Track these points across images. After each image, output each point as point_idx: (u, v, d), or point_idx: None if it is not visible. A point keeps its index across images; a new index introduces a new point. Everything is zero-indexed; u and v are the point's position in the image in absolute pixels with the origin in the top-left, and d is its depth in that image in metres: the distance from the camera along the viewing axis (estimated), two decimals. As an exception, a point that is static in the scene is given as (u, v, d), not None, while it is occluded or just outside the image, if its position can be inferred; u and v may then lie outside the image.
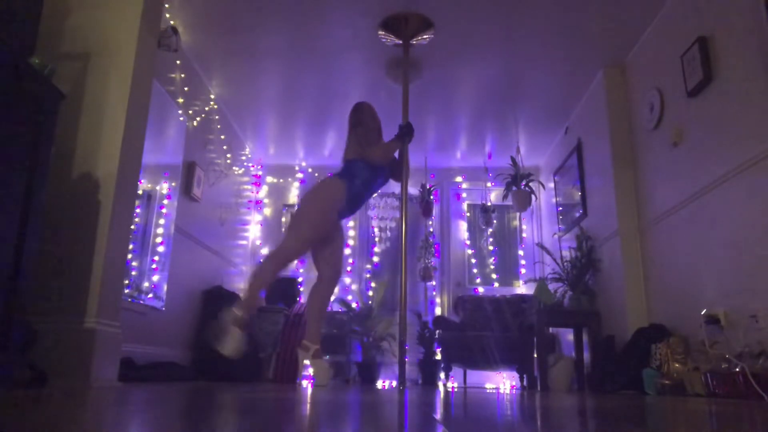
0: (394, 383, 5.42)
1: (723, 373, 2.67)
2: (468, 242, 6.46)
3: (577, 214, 5.03)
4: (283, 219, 6.50)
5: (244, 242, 6.19)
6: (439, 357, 5.45)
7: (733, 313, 2.90)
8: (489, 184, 6.33)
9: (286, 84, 4.91)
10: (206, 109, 4.90)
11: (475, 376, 5.69)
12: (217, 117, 5.16)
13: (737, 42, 2.92)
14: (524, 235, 6.50)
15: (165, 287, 4.12)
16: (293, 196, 6.57)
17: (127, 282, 3.44)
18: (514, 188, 5.46)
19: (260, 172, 6.56)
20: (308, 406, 1.49)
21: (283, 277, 6.19)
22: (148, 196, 4.11)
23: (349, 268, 6.30)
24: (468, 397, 2.46)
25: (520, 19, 3.88)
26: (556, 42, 4.13)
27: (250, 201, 6.36)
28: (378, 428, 0.95)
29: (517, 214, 6.43)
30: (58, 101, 2.26)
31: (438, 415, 1.29)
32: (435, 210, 6.38)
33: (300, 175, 6.59)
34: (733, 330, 2.86)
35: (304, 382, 4.73)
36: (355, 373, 5.50)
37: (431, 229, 6.37)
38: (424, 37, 4.01)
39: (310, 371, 3.48)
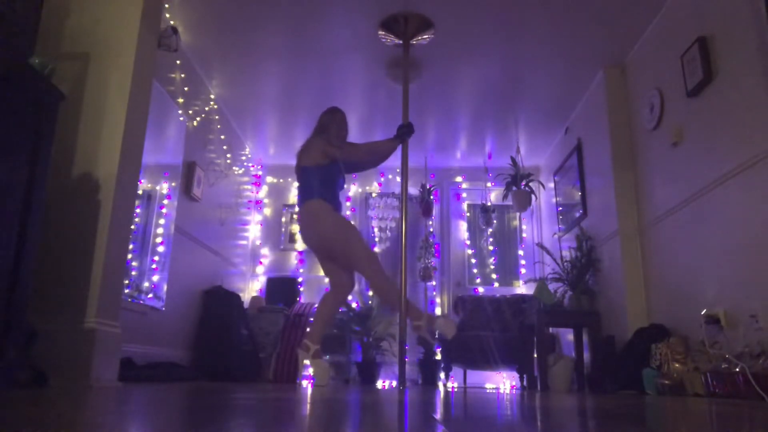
0: (394, 383, 5.42)
1: (723, 373, 2.67)
2: (468, 242, 6.45)
3: (577, 214, 5.03)
4: (283, 219, 6.50)
5: (244, 242, 6.19)
6: (439, 357, 5.45)
7: (733, 313, 2.90)
8: (489, 184, 6.33)
9: (286, 84, 4.91)
10: (206, 109, 4.90)
11: (475, 376, 5.69)
12: (217, 117, 5.16)
13: (737, 42, 2.92)
14: (524, 235, 6.50)
15: (165, 287, 4.12)
16: (293, 196, 6.57)
17: (127, 282, 3.44)
18: (514, 188, 5.46)
19: (260, 172, 6.56)
20: (308, 406, 1.49)
21: (284, 278, 6.20)
22: (148, 196, 4.11)
23: (349, 268, 6.30)
24: (468, 397, 2.46)
25: (520, 19, 3.88)
26: (556, 42, 4.13)
27: (250, 201, 6.36)
28: (378, 428, 0.95)
29: (517, 214, 6.43)
30: (58, 101, 2.26)
31: (438, 415, 1.29)
32: (435, 210, 6.38)
33: (300, 175, 6.58)
34: (733, 330, 2.86)
35: (304, 382, 4.73)
36: (355, 373, 5.50)
37: (431, 229, 6.37)
38: (424, 37, 4.01)
39: (310, 371, 3.49)
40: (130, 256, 3.28)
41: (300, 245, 6.41)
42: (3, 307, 1.94)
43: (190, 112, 4.56)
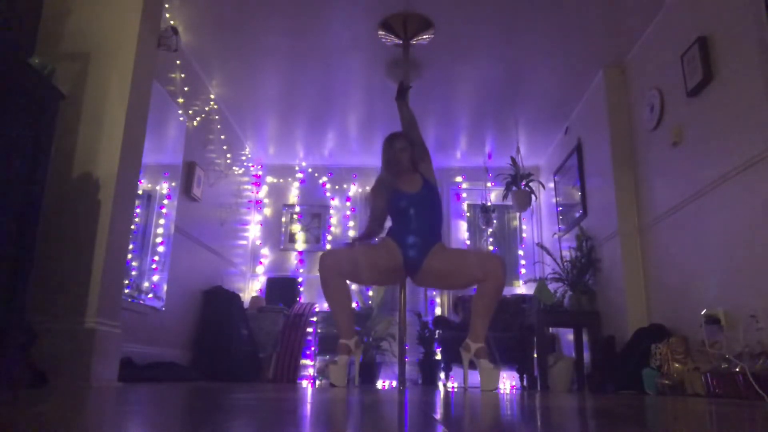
0: (394, 383, 5.42)
1: (723, 373, 2.67)
2: (468, 242, 6.45)
3: (577, 214, 5.03)
4: (283, 219, 6.50)
5: (244, 242, 6.19)
6: (439, 357, 5.44)
7: (733, 313, 2.90)
8: (489, 184, 6.33)
9: (286, 84, 4.91)
10: (206, 109, 4.89)
11: (475, 376, 5.67)
12: (217, 117, 5.16)
13: (737, 42, 2.92)
14: (524, 235, 6.50)
15: (165, 287, 4.12)
16: (293, 196, 6.57)
17: (127, 282, 3.44)
18: (514, 188, 5.46)
19: (260, 172, 6.56)
20: (308, 406, 1.49)
21: (284, 278, 6.20)
22: (148, 196, 4.11)
23: (349, 268, 6.30)
24: (468, 397, 2.46)
25: (520, 19, 3.88)
26: (556, 42, 4.13)
27: (250, 201, 6.36)
28: (378, 428, 0.95)
29: (517, 214, 6.43)
30: (58, 101, 2.26)
31: (438, 415, 1.29)
32: (435, 210, 6.37)
33: (300, 175, 6.59)
34: (733, 330, 2.86)
35: (304, 382, 4.73)
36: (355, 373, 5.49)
37: (431, 229, 6.36)
38: (424, 37, 4.01)
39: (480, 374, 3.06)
40: (130, 256, 3.28)
41: (300, 245, 6.41)
42: (3, 307, 1.94)
43: (190, 112, 4.56)
